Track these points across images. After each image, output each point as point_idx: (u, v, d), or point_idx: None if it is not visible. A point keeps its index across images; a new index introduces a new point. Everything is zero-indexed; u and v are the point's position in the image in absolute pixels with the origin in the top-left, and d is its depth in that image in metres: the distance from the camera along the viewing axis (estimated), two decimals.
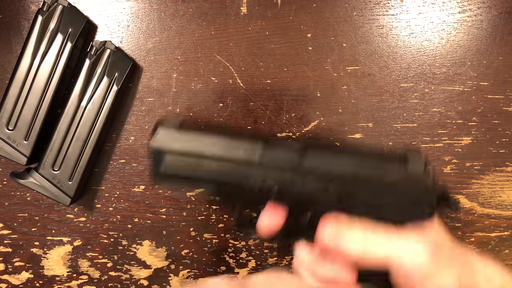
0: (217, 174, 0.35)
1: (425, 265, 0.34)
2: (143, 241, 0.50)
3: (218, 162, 0.35)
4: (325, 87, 0.47)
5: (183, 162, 0.36)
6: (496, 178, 0.49)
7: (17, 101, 0.43)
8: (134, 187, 0.49)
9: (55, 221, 0.50)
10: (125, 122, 0.48)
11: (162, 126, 0.36)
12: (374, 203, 0.35)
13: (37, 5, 0.45)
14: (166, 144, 0.36)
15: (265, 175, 0.35)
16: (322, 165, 0.35)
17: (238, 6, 0.45)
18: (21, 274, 0.51)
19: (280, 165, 0.35)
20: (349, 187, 0.35)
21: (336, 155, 0.35)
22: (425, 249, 0.34)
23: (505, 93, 0.47)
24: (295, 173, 0.35)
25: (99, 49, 0.44)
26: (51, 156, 0.45)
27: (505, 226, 0.50)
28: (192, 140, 0.36)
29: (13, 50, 0.46)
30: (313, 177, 0.35)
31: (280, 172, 0.35)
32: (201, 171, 0.36)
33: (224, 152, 0.35)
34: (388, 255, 0.34)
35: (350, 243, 0.34)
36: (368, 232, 0.35)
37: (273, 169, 0.35)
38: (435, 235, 0.36)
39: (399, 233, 0.35)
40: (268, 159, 0.35)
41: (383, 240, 0.34)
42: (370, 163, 0.35)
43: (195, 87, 0.47)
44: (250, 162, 0.35)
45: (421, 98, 0.47)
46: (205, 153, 0.35)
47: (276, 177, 0.35)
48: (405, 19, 0.46)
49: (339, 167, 0.35)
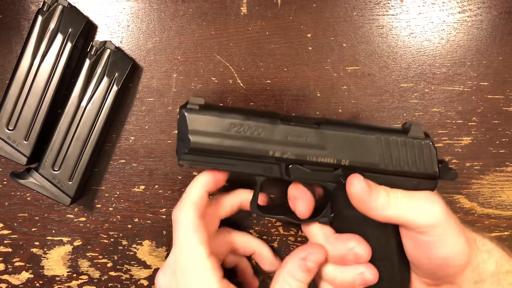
0: (238, 148, 0.38)
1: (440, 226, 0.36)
2: (143, 241, 0.50)
3: (239, 139, 0.38)
4: (325, 87, 0.47)
5: (206, 140, 0.38)
6: (496, 178, 0.49)
7: (17, 101, 0.43)
8: (134, 187, 0.49)
9: (55, 221, 0.50)
10: (125, 122, 0.48)
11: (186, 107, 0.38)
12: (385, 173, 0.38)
13: (37, 5, 0.45)
14: (192, 123, 0.38)
15: (284, 149, 0.38)
16: (336, 138, 0.38)
17: (238, 6, 0.45)
18: (21, 274, 0.51)
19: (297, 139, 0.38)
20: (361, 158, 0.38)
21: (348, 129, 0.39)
22: (440, 211, 0.36)
23: (505, 93, 0.47)
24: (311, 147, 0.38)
25: (99, 49, 0.44)
26: (51, 156, 0.45)
27: (505, 226, 0.50)
28: (215, 119, 0.38)
29: (13, 50, 0.46)
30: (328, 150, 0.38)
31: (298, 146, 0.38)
32: (223, 148, 0.38)
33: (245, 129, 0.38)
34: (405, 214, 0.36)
35: (378, 197, 0.36)
36: (390, 190, 0.37)
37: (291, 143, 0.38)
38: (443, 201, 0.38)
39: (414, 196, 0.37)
40: (286, 134, 0.38)
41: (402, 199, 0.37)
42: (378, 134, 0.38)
43: (195, 87, 0.47)
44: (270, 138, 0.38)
45: (421, 98, 0.47)
46: (227, 130, 0.38)
47: (294, 151, 0.38)
48: (405, 19, 0.46)
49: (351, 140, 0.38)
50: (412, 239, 0.37)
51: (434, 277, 0.39)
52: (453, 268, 0.37)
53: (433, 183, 0.39)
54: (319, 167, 0.39)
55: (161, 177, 0.49)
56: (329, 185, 0.40)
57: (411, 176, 0.38)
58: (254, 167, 0.39)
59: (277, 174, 0.39)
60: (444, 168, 0.39)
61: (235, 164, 0.39)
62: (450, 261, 0.37)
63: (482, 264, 0.38)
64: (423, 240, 0.36)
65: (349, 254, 0.38)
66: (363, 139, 0.38)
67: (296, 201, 0.41)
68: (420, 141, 0.38)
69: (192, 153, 0.38)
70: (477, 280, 0.38)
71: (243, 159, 0.39)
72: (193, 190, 0.40)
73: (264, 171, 0.39)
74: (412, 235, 0.37)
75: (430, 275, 0.39)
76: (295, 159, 0.38)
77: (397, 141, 0.38)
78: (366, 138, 0.38)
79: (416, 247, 0.38)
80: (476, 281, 0.38)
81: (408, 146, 0.38)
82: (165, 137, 0.48)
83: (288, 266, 0.39)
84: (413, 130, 0.38)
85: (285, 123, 0.38)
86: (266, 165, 0.39)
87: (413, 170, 0.38)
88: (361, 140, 0.38)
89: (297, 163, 0.39)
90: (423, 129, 0.39)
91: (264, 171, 0.39)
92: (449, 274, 0.38)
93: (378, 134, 0.38)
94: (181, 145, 0.39)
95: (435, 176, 0.38)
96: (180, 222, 0.39)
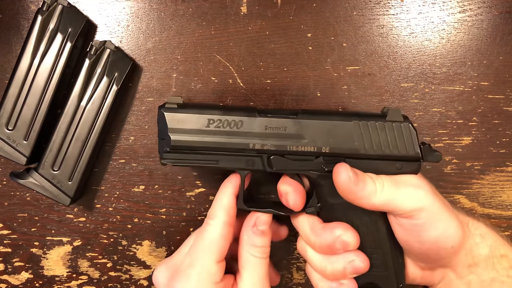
0: (219, 144, 0.39)
1: (426, 209, 0.36)
2: (143, 241, 0.50)
3: (219, 134, 0.39)
4: (325, 87, 0.47)
5: (186, 137, 0.39)
6: (496, 178, 0.49)
7: (17, 101, 0.43)
8: (134, 187, 0.49)
9: (55, 221, 0.50)
10: (125, 122, 0.48)
11: (165, 106, 0.39)
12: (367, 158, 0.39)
13: (37, 5, 0.45)
14: (171, 122, 0.39)
15: (264, 141, 0.39)
16: (314, 126, 0.39)
17: (238, 6, 0.45)
18: (21, 274, 0.51)
19: (276, 131, 0.39)
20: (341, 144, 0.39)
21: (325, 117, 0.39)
22: (425, 194, 0.36)
23: (505, 93, 0.47)
24: (291, 137, 0.39)
25: (99, 49, 0.44)
26: (51, 156, 0.45)
27: (505, 226, 0.50)
28: (194, 116, 0.39)
29: (13, 50, 0.46)
30: (307, 139, 0.39)
31: (277, 137, 0.39)
32: (204, 144, 0.39)
33: (224, 124, 0.39)
34: (392, 201, 0.36)
35: (365, 186, 0.36)
36: (376, 178, 0.37)
37: (270, 134, 0.39)
38: (429, 184, 0.38)
39: (399, 181, 0.37)
40: (264, 126, 0.39)
41: (388, 186, 0.37)
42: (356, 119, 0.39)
43: (195, 87, 0.47)
44: (249, 130, 0.39)
45: (421, 98, 0.47)
46: (206, 126, 0.39)
47: (274, 142, 0.39)
48: (406, 19, 0.46)
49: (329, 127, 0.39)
50: (400, 224, 0.37)
51: (427, 261, 0.39)
52: (445, 251, 0.37)
53: (416, 165, 0.39)
54: (300, 157, 0.39)
55: (161, 177, 0.49)
56: (312, 173, 0.40)
57: (393, 159, 0.38)
58: (236, 161, 0.40)
59: (259, 166, 0.40)
60: (427, 149, 0.39)
61: (217, 159, 0.40)
62: (442, 244, 0.36)
63: (475, 247, 0.38)
64: (412, 223, 0.36)
65: (336, 242, 0.38)
66: (342, 125, 0.38)
67: (288, 195, 0.41)
68: (399, 123, 0.38)
69: (174, 151, 0.39)
70: (471, 263, 0.38)
71: (225, 154, 0.39)
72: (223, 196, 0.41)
73: (247, 164, 0.40)
74: (400, 220, 0.37)
75: (423, 259, 0.39)
76: (275, 150, 0.39)
77: (375, 125, 0.38)
78: (344, 124, 0.38)
79: (405, 232, 0.37)
80: (470, 264, 0.38)
81: (387, 129, 0.38)
82: None
83: (244, 238, 0.40)
84: (391, 113, 0.38)
85: (262, 115, 0.39)
86: (248, 158, 0.40)
87: (394, 153, 0.38)
88: (340, 126, 0.38)
89: (278, 154, 0.39)
90: (401, 112, 0.39)
91: (247, 165, 0.40)
92: (442, 257, 0.38)
93: (355, 119, 0.38)
94: (162, 144, 0.39)
95: (417, 157, 0.38)
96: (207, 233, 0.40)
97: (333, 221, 0.39)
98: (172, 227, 0.50)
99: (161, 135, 0.39)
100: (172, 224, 0.50)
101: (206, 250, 0.39)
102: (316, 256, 0.40)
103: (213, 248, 0.39)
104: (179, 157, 0.40)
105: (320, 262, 0.39)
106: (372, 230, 0.40)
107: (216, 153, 0.39)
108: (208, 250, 0.39)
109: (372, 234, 0.40)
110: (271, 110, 0.40)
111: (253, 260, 0.40)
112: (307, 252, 0.41)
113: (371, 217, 0.40)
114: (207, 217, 0.41)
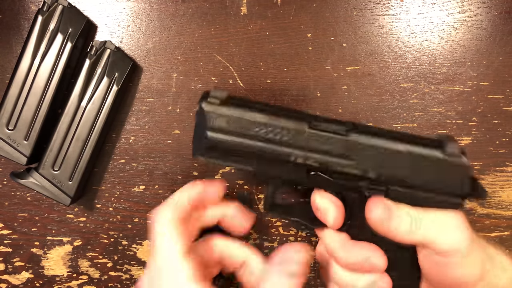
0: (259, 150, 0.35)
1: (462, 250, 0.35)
2: (143, 241, 0.50)
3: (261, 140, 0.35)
4: (325, 87, 0.47)
5: (225, 138, 0.35)
6: (496, 178, 0.49)
7: (17, 101, 0.43)
8: (134, 187, 0.49)
9: (55, 221, 0.50)
10: (125, 122, 0.48)
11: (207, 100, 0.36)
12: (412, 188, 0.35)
13: (37, 5, 0.45)
14: (211, 118, 0.35)
15: (307, 155, 0.35)
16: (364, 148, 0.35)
17: (238, 6, 0.45)
18: (21, 274, 0.51)
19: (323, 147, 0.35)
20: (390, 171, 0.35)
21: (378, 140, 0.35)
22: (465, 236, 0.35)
23: (505, 93, 0.47)
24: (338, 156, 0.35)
25: (99, 49, 0.44)
26: (51, 156, 0.45)
27: (505, 226, 0.50)
28: (237, 117, 0.35)
29: (13, 50, 0.46)
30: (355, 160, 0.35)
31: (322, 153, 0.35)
32: (243, 147, 0.35)
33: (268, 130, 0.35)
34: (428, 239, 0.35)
35: (400, 225, 0.35)
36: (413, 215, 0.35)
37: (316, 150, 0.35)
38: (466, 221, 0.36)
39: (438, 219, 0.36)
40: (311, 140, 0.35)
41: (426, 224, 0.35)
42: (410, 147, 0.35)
43: (195, 87, 0.47)
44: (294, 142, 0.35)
45: (421, 98, 0.47)
46: (248, 130, 0.35)
47: (318, 158, 0.35)
48: (405, 19, 0.46)
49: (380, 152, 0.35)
50: (429, 257, 0.36)
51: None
52: (465, 286, 0.36)
53: (460, 201, 0.35)
54: (342, 177, 0.36)
55: (161, 177, 0.49)
56: (350, 194, 0.37)
57: (439, 193, 0.35)
58: (271, 170, 0.36)
59: (296, 179, 0.37)
60: (477, 187, 0.35)
61: (252, 164, 0.36)
62: (464, 279, 0.35)
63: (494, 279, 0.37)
64: (442, 260, 0.35)
65: (365, 263, 0.37)
66: (395, 152, 0.35)
67: (329, 212, 0.38)
68: (456, 159, 0.34)
69: (209, 150, 0.36)
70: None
71: (262, 160, 0.36)
72: (176, 194, 0.39)
73: (281, 174, 0.37)
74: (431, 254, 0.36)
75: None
76: (318, 166, 0.36)
77: (431, 157, 0.35)
78: (398, 152, 0.35)
79: (432, 265, 0.36)
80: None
81: (444, 164, 0.35)
82: (165, 137, 0.48)
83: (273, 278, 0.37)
84: (449, 146, 0.35)
85: (312, 128, 0.35)
86: (285, 168, 0.36)
87: (442, 188, 0.35)
88: (392, 152, 0.35)
89: (319, 171, 0.36)
90: (458, 145, 0.35)
91: (281, 174, 0.37)
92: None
93: (411, 147, 0.35)
94: (198, 141, 0.36)
95: (465, 195, 0.35)
96: (157, 221, 0.37)
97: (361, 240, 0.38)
98: None
99: (198, 131, 0.36)
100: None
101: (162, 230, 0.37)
102: (340, 271, 0.39)
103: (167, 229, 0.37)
104: (213, 156, 0.36)
105: (344, 277, 0.38)
106: (398, 256, 0.38)
107: (253, 158, 0.36)
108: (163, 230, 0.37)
109: (397, 259, 0.38)
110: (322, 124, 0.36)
111: None
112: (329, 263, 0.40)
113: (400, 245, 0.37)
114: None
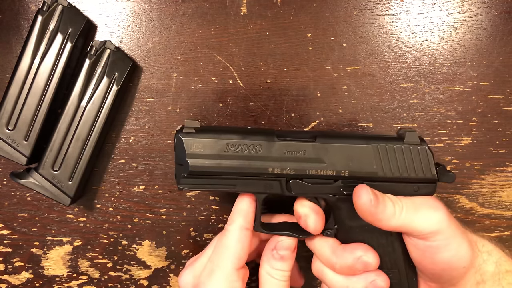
0: (237, 168, 0.39)
1: (442, 231, 0.36)
2: (143, 241, 0.50)
3: (238, 159, 0.39)
4: (325, 87, 0.47)
5: (205, 162, 0.39)
6: (496, 178, 0.49)
7: (17, 101, 0.43)
8: (134, 187, 0.49)
9: (55, 221, 0.50)
10: (125, 122, 0.48)
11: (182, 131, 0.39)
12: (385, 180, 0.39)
13: (37, 5, 0.45)
14: (189, 147, 0.39)
15: (282, 165, 0.39)
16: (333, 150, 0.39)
17: (238, 6, 0.45)
18: (21, 274, 0.51)
19: (295, 155, 0.39)
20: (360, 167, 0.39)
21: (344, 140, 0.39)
22: (442, 217, 0.37)
23: (505, 93, 0.47)
24: (310, 161, 0.39)
25: (99, 49, 0.44)
26: (51, 156, 0.45)
27: (505, 226, 0.50)
28: (212, 141, 0.39)
29: (13, 50, 0.46)
30: (326, 162, 0.39)
31: (296, 161, 0.39)
32: (222, 168, 0.39)
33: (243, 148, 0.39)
34: (410, 223, 0.37)
35: (385, 209, 0.37)
36: (395, 200, 0.38)
37: (289, 158, 0.39)
38: (444, 206, 0.38)
39: (417, 204, 0.38)
40: (283, 150, 0.39)
41: (407, 209, 0.37)
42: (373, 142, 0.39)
43: (195, 87, 0.47)
44: (268, 155, 0.39)
45: (421, 98, 0.47)
46: (224, 151, 0.39)
47: (293, 166, 0.39)
48: (405, 19, 0.46)
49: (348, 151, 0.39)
50: (416, 245, 0.38)
51: (439, 281, 0.40)
52: (457, 271, 0.38)
53: (432, 186, 0.39)
54: (319, 180, 0.39)
55: (161, 177, 0.49)
56: (331, 197, 0.40)
57: (410, 181, 0.39)
58: (254, 185, 0.39)
59: (277, 190, 0.40)
60: (442, 171, 0.39)
61: (235, 184, 0.39)
62: (454, 264, 0.37)
63: (483, 264, 0.38)
64: (427, 245, 0.37)
65: (358, 263, 0.38)
66: (360, 149, 0.39)
67: (308, 218, 0.40)
68: (416, 146, 0.39)
69: (191, 176, 0.39)
70: (479, 280, 0.38)
71: (243, 178, 0.39)
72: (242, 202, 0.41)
73: (265, 188, 0.40)
74: (416, 241, 0.38)
75: (435, 279, 0.40)
76: (294, 174, 0.39)
77: (393, 148, 0.39)
78: (363, 147, 0.39)
79: (420, 253, 0.38)
80: (478, 281, 0.38)
81: (405, 152, 0.39)
82: (165, 137, 0.48)
83: (264, 259, 0.40)
84: (408, 136, 0.39)
85: (281, 139, 0.39)
86: (266, 182, 0.39)
87: (411, 176, 0.39)
88: (358, 150, 0.39)
89: (297, 178, 0.39)
90: (417, 135, 0.39)
91: (265, 188, 0.40)
92: (453, 277, 0.38)
93: (374, 143, 0.39)
94: (180, 169, 0.39)
95: (433, 180, 0.39)
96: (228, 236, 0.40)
97: (351, 243, 0.40)
98: (172, 227, 0.50)
99: (178, 160, 0.39)
100: (172, 224, 0.50)
101: (225, 257, 0.39)
102: (336, 277, 0.40)
103: (230, 255, 0.39)
104: (197, 182, 0.39)
105: (341, 283, 0.40)
106: (389, 251, 0.40)
107: (234, 178, 0.39)
108: (227, 257, 0.39)
109: (389, 255, 0.40)
110: (290, 134, 0.40)
111: (271, 281, 0.40)
112: (326, 274, 0.41)
113: (388, 239, 0.40)
114: (226, 224, 0.41)
